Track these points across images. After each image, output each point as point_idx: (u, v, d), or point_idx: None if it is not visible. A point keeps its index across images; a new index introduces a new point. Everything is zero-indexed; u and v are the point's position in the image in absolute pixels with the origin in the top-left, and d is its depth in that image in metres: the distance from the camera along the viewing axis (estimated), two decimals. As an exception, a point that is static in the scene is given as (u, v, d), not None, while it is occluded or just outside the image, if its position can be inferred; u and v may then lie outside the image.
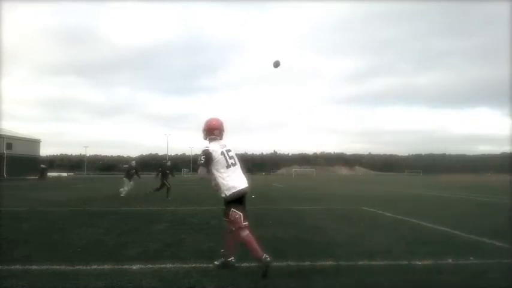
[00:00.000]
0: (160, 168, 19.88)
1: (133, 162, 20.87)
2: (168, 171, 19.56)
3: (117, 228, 8.96)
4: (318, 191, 26.26)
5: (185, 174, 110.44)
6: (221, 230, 8.47)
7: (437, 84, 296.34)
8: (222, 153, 5.23)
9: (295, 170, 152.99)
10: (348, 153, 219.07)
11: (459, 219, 10.80)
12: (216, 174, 5.21)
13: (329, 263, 5.71)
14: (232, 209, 5.18)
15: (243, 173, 5.47)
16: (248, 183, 5.41)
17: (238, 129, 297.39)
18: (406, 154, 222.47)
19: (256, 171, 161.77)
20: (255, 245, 5.07)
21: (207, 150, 5.19)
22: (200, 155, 5.24)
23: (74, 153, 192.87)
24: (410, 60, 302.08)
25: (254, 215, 11.53)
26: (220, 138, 5.44)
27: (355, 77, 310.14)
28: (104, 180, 55.64)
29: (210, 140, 5.38)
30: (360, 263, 5.74)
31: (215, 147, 5.24)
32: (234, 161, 5.34)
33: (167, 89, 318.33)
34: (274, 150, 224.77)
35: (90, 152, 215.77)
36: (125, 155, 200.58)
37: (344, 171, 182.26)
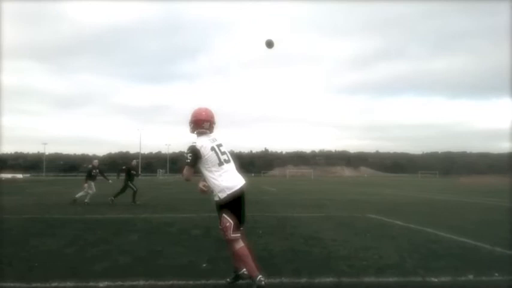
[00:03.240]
0: (124, 167, 19.73)
1: (96, 161, 20.60)
2: (134, 172, 19.33)
3: (81, 239, 8.92)
4: (317, 196, 26.33)
5: (161, 175, 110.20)
6: (204, 241, 8.49)
7: (456, 70, 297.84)
8: (213, 148, 5.14)
9: (289, 170, 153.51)
10: (352, 152, 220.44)
11: (482, 229, 10.88)
12: (207, 173, 5.14)
13: (329, 279, 5.72)
14: (224, 214, 5.07)
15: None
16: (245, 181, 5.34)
17: (224, 123, 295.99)
18: (420, 152, 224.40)
19: (244, 172, 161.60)
20: (250, 260, 5.03)
21: (194, 146, 5.10)
22: (186, 153, 5.15)
23: (30, 151, 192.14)
24: (424, 41, 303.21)
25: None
26: (210, 132, 5.38)
27: (359, 61, 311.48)
28: (65, 182, 55.26)
29: (198, 134, 5.32)
30: (366, 279, 5.76)
31: (204, 143, 5.15)
32: (227, 157, 5.26)
33: (139, 76, 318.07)
34: (265, 148, 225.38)
35: (49, 149, 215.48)
36: (91, 154, 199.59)
37: (347, 172, 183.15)
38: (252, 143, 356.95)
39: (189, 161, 5.09)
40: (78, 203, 18.00)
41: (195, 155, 5.07)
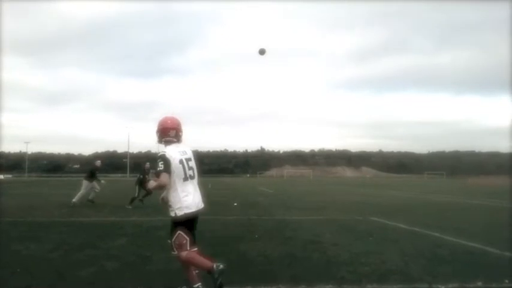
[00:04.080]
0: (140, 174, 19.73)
1: (99, 161, 20.93)
2: (143, 176, 19.25)
3: (67, 244, 8.91)
4: (316, 198, 26.37)
5: (151, 176, 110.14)
6: (198, 245, 8.47)
7: (463, 64, 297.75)
8: (181, 161, 5.24)
9: (287, 171, 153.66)
10: (353, 151, 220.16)
11: (491, 233, 10.91)
12: (169, 186, 5.23)
13: (330, 286, 5.73)
14: (180, 231, 5.19)
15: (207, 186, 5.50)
16: (203, 201, 5.45)
17: (217, 121, 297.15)
18: (426, 152, 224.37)
19: (239, 173, 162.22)
20: (199, 258, 5.19)
21: (165, 154, 5.18)
22: (157, 161, 5.21)
23: (12, 151, 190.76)
24: (429, 34, 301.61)
25: (236, 227, 11.57)
26: (178, 141, 5.48)
27: (360, 55, 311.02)
28: (49, 183, 55.17)
29: (166, 144, 5.42)
30: (368, 286, 5.77)
31: (173, 154, 5.23)
32: (193, 173, 5.40)
33: (127, 71, 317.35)
34: (261, 147, 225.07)
35: (32, 148, 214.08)
36: (76, 153, 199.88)
37: (348, 172, 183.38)
38: (248, 142, 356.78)
39: (162, 168, 5.12)
40: (79, 205, 18.07)
41: (166, 162, 5.13)
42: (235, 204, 18.77)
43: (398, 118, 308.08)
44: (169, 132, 5.41)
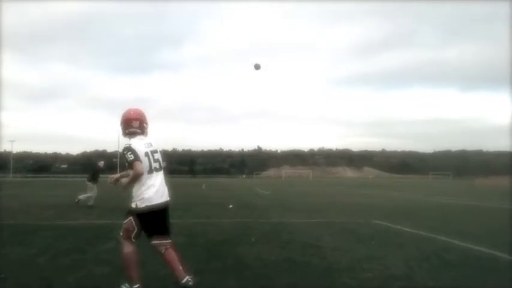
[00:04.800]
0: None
1: (102, 162, 21.37)
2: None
3: (53, 248, 8.90)
4: (316, 199, 26.42)
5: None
6: (189, 250, 8.48)
7: (471, 59, 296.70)
8: (147, 154, 5.37)
9: (285, 171, 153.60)
10: (355, 150, 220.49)
11: (500, 237, 10.90)
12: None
13: (331, 292, 5.73)
14: (132, 218, 5.35)
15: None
16: (169, 195, 5.57)
17: (211, 119, 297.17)
18: (431, 151, 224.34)
19: (235, 173, 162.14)
20: (133, 264, 5.40)
21: (130, 145, 5.31)
22: (125, 153, 5.30)
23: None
24: (435, 27, 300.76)
25: (232, 230, 11.57)
26: (143, 133, 5.60)
27: (362, 49, 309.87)
28: (35, 184, 55.11)
29: (131, 136, 5.52)
30: (371, 292, 5.77)
31: (139, 146, 5.36)
32: (159, 165, 5.52)
33: (118, 66, 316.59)
34: (258, 146, 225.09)
35: (17, 148, 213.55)
36: (63, 152, 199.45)
37: (349, 173, 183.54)
38: (244, 141, 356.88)
39: (133, 157, 5.22)
40: (81, 204, 18.53)
41: (135, 152, 5.25)
42: (231, 206, 18.77)
43: (402, 116, 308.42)
44: (132, 122, 5.55)
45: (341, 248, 9.05)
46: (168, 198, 5.53)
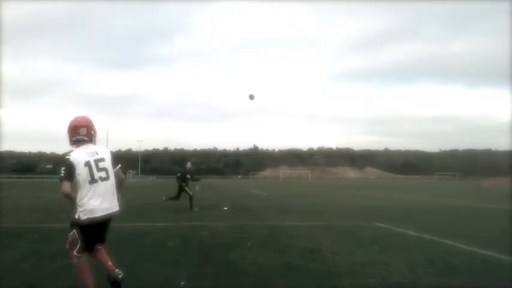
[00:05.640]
0: (179, 174, 20.29)
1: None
2: (188, 176, 19.96)
3: (38, 252, 8.92)
4: (315, 201, 26.44)
5: (132, 177, 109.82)
6: (182, 255, 8.49)
7: (479, 53, 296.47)
8: (88, 164, 5.35)
9: (283, 171, 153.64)
10: (356, 149, 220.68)
11: (508, 240, 10.86)
12: (77, 188, 5.36)
13: (331, 299, 5.75)
14: (75, 231, 5.34)
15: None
16: (119, 206, 5.58)
17: (205, 116, 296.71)
18: (436, 150, 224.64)
19: (229, 173, 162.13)
20: (86, 274, 5.41)
21: (68, 160, 5.32)
22: (61, 167, 5.35)
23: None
24: (441, 19, 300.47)
25: (226, 234, 11.59)
26: (90, 141, 5.61)
27: (364, 43, 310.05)
28: (19, 185, 54.98)
29: (77, 145, 5.53)
30: (373, 299, 5.79)
31: (79, 157, 5.36)
32: (106, 174, 5.49)
33: (107, 60, 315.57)
34: (254, 145, 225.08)
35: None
36: (48, 152, 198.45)
37: (350, 173, 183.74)
38: (239, 139, 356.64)
39: (62, 175, 5.29)
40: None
41: (69, 168, 5.28)
42: (226, 208, 18.79)
43: (405, 113, 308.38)
44: (79, 130, 5.56)
45: (341, 252, 9.07)
46: (116, 209, 5.54)
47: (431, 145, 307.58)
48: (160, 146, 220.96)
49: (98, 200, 5.31)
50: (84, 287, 5.32)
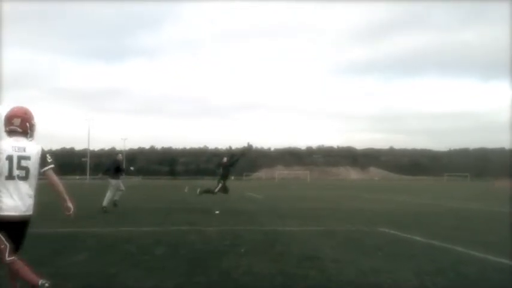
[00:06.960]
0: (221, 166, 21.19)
1: (120, 155, 22.03)
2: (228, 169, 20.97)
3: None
4: (314, 204, 26.51)
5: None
6: (170, 261, 8.47)
7: (492, 44, 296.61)
8: (10, 157, 5.36)
9: (279, 172, 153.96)
10: (359, 148, 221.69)
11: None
12: None
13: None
14: (0, 235, 5.32)
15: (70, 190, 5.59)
16: (32, 209, 5.54)
17: (195, 112, 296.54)
18: (445, 149, 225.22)
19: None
20: (27, 270, 5.38)
21: None
22: None
23: None
24: (452, 7, 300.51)
25: (218, 240, 11.57)
26: (25, 134, 5.63)
27: (368, 33, 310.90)
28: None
29: (9, 135, 5.55)
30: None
31: (5, 146, 5.39)
32: (25, 173, 5.48)
33: (88, 52, 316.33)
34: (248, 143, 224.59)
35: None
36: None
37: (352, 174, 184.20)
38: (232, 137, 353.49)
39: None
40: (109, 210, 18.93)
41: None
42: (217, 212, 18.75)
43: (412, 108, 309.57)
44: (13, 120, 5.57)
45: (343, 259, 9.06)
46: (29, 213, 5.51)
47: (440, 143, 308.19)
48: (146, 145, 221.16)
49: (10, 199, 5.31)
50: (33, 284, 5.27)
